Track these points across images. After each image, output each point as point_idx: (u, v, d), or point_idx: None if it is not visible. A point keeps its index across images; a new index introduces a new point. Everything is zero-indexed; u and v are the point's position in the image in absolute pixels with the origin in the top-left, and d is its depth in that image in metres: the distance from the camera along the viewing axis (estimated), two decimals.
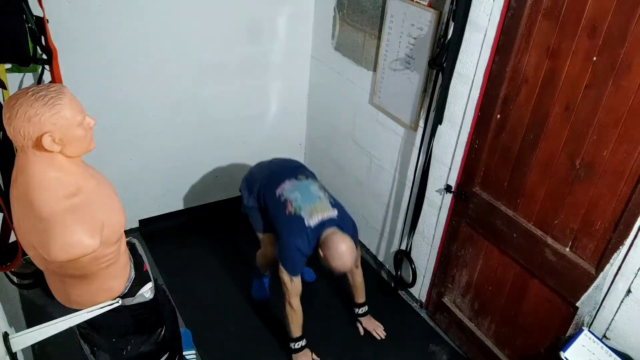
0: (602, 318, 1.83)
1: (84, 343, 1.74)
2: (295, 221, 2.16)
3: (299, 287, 2.26)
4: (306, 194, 2.24)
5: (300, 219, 2.15)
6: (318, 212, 2.17)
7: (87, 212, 1.34)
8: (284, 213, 2.20)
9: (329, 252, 2.09)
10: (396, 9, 2.34)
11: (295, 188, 2.26)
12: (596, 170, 1.72)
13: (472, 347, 2.51)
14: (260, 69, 3.04)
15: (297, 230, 2.15)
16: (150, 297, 1.70)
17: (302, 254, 2.18)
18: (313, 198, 2.23)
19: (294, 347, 2.40)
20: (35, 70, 2.07)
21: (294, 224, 2.16)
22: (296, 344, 2.39)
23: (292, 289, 2.24)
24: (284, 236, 2.20)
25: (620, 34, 1.54)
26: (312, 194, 2.25)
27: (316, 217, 2.15)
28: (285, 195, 2.24)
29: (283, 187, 2.28)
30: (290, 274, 2.21)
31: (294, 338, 2.38)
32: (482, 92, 2.05)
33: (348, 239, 2.12)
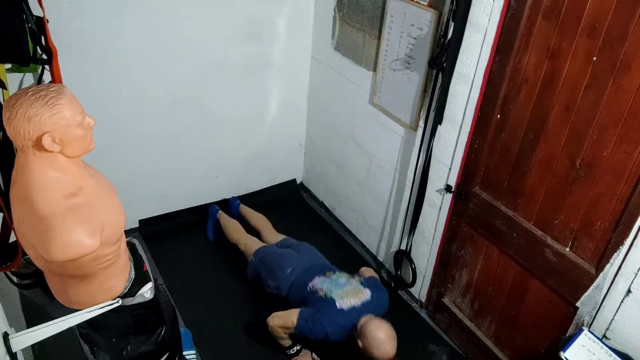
0: (602, 318, 1.83)
1: (84, 343, 1.74)
2: (326, 303, 2.20)
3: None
4: (336, 283, 2.31)
5: (331, 301, 2.18)
6: (350, 296, 2.20)
7: (87, 212, 1.34)
8: (314, 297, 2.27)
9: (367, 342, 2.06)
10: (396, 9, 2.34)
11: (326, 281, 2.34)
12: (596, 170, 1.72)
13: (472, 347, 2.51)
14: (260, 69, 3.04)
15: (328, 311, 2.17)
16: (150, 297, 1.70)
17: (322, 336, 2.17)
18: (343, 284, 2.29)
19: (291, 353, 2.42)
20: (35, 70, 2.06)
21: (325, 306, 2.19)
22: (291, 350, 2.41)
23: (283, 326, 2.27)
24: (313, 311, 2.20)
25: (620, 34, 1.54)
26: (342, 282, 2.32)
27: (348, 300, 2.18)
28: (316, 287, 2.31)
29: (314, 282, 2.35)
30: (297, 331, 2.22)
31: (286, 347, 2.40)
32: (482, 92, 2.05)
33: (386, 325, 2.10)
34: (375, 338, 2.04)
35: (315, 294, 2.28)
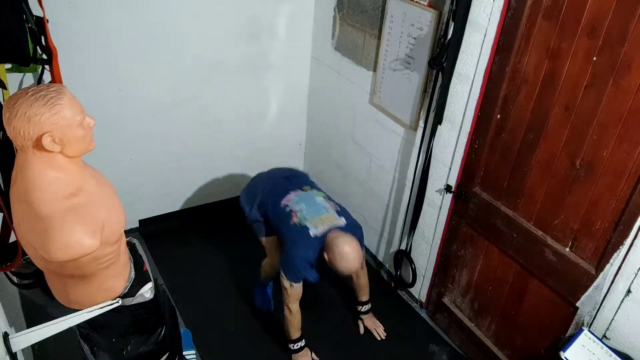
0: (602, 318, 1.83)
1: (84, 343, 1.74)
2: (299, 232, 2.15)
3: (299, 292, 2.25)
4: (312, 205, 2.24)
5: (305, 230, 2.14)
6: (325, 224, 2.16)
7: (87, 212, 1.34)
8: (288, 223, 2.20)
9: (333, 255, 2.07)
10: (396, 9, 2.34)
11: (301, 199, 2.26)
12: (596, 170, 1.72)
13: (472, 347, 2.51)
14: (260, 69, 3.04)
15: (302, 240, 2.14)
16: (150, 297, 1.70)
17: (305, 262, 2.17)
18: (319, 210, 2.22)
19: (293, 348, 2.40)
20: (35, 70, 2.07)
21: (299, 235, 2.15)
22: (295, 344, 2.39)
23: (292, 294, 2.24)
24: (287, 246, 2.19)
25: (620, 34, 1.54)
26: (318, 205, 2.25)
27: (322, 227, 2.15)
28: (290, 206, 2.24)
29: (288, 198, 2.27)
30: (291, 281, 2.20)
31: (292, 340, 2.38)
32: (482, 92, 2.05)
33: (353, 239, 2.09)
34: (342, 252, 2.04)
35: (290, 218, 2.20)
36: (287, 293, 2.23)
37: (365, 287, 2.55)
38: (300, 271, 2.19)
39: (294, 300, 2.26)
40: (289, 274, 2.19)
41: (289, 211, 2.22)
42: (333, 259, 2.07)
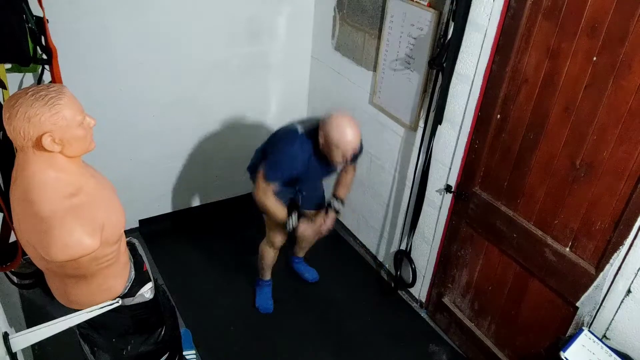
0: (602, 318, 1.83)
1: (84, 343, 1.74)
2: (287, 131, 2.11)
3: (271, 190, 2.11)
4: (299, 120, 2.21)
5: (292, 128, 2.09)
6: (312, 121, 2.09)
7: (87, 212, 1.34)
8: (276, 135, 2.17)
9: (330, 130, 1.92)
10: (396, 9, 2.34)
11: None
12: (596, 170, 1.72)
13: (472, 347, 2.51)
14: (260, 69, 3.04)
15: (288, 137, 2.07)
16: (150, 297, 1.70)
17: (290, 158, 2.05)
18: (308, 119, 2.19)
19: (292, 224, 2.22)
20: (35, 70, 2.07)
21: (286, 133, 2.10)
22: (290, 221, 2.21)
23: (264, 188, 2.09)
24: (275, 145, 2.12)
25: (620, 34, 1.54)
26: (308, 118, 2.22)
27: (309, 123, 2.07)
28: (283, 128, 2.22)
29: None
30: (268, 177, 2.07)
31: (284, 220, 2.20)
32: (482, 92, 2.05)
33: (352, 118, 1.96)
34: (339, 126, 1.90)
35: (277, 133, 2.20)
36: (259, 187, 2.10)
37: (348, 185, 2.41)
38: (277, 166, 2.06)
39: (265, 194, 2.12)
40: (269, 171, 2.07)
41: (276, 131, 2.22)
42: (331, 135, 1.93)
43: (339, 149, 1.98)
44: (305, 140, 2.07)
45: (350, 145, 1.97)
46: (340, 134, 1.93)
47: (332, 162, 2.09)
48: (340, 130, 1.94)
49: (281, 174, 2.09)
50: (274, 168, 2.08)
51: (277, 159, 2.08)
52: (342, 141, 1.95)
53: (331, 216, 2.38)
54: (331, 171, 2.31)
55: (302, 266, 2.94)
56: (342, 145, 1.96)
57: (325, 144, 2.00)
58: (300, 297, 2.83)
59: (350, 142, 1.95)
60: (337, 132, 1.94)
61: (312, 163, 2.13)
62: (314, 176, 2.28)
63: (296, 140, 2.07)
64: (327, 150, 2.02)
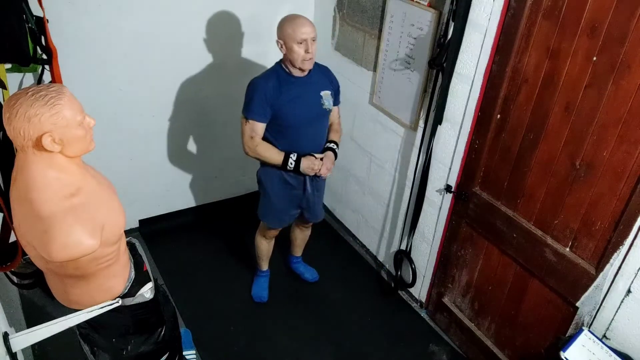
0: (602, 318, 1.83)
1: (84, 343, 1.74)
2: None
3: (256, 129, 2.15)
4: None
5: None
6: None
7: (87, 212, 1.34)
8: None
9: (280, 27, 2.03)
10: (396, 9, 2.34)
11: None
12: (596, 170, 1.72)
13: (472, 347, 2.51)
14: (260, 69, 3.02)
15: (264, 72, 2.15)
16: (150, 297, 1.70)
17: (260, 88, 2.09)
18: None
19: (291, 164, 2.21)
20: (35, 70, 2.07)
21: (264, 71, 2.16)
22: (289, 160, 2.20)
23: (248, 130, 2.14)
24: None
25: (620, 34, 1.54)
26: None
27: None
28: None
29: None
30: (247, 115, 2.13)
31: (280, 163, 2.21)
32: (482, 92, 2.05)
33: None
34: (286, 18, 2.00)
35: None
36: (244, 132, 2.17)
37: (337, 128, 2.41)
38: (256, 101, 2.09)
39: (251, 137, 2.16)
40: (245, 108, 2.14)
41: None
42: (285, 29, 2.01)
43: (296, 37, 1.99)
44: (271, 70, 2.14)
45: (304, 28, 1.99)
46: (290, 21, 2.00)
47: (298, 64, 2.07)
48: (289, 19, 2.01)
49: (257, 105, 2.09)
50: (248, 103, 2.12)
51: (248, 95, 2.12)
52: (295, 26, 1.97)
53: (328, 155, 2.32)
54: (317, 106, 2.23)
55: (302, 266, 2.95)
56: (297, 32, 1.98)
57: (286, 48, 2.04)
58: (300, 297, 2.83)
59: (302, 23, 1.99)
60: (288, 23, 2.00)
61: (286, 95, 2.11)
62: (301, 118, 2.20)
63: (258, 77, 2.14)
64: (289, 54, 2.04)
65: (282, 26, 2.05)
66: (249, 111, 2.14)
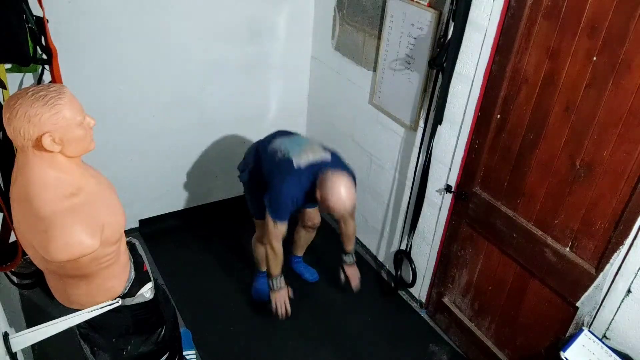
0: (602, 318, 1.83)
1: (84, 343, 1.74)
2: (284, 164, 2.11)
3: (282, 231, 2.18)
4: (295, 141, 2.22)
5: (289, 161, 2.09)
6: (308, 153, 2.10)
7: (87, 212, 1.34)
8: (273, 160, 2.17)
9: (326, 191, 1.98)
10: (396, 9, 2.34)
11: (287, 140, 2.25)
12: (596, 170, 1.72)
13: (472, 347, 2.51)
14: (260, 69, 3.04)
15: (286, 172, 2.09)
16: (150, 297, 1.70)
17: (290, 198, 2.10)
18: (302, 143, 2.20)
19: (274, 287, 2.30)
20: (35, 70, 2.07)
21: (283, 167, 2.11)
22: (275, 282, 2.29)
23: (274, 233, 2.16)
24: (272, 179, 2.14)
25: (620, 34, 1.54)
26: (302, 140, 2.22)
27: (305, 157, 2.08)
28: (276, 147, 2.22)
29: (275, 141, 2.27)
30: (275, 219, 2.13)
31: (273, 275, 2.28)
32: (482, 92, 2.05)
33: (347, 177, 2.02)
34: (335, 188, 1.96)
35: (275, 156, 2.17)
36: (270, 231, 2.16)
37: (352, 236, 2.51)
38: (282, 207, 2.12)
39: (276, 239, 2.19)
40: (273, 212, 2.13)
41: (275, 151, 2.21)
42: (326, 195, 1.99)
43: (334, 212, 2.03)
44: (302, 175, 2.09)
45: (344, 208, 2.02)
46: (336, 199, 1.98)
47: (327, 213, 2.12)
48: (336, 195, 1.98)
49: (285, 212, 2.14)
50: (278, 210, 2.13)
51: (278, 200, 2.12)
52: (337, 206, 1.99)
53: (351, 271, 2.55)
54: None
55: (302, 266, 2.95)
56: (336, 209, 2.01)
57: (321, 202, 2.05)
58: (300, 297, 2.82)
59: (344, 207, 2.01)
60: (333, 197, 1.98)
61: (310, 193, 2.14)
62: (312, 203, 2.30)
63: (293, 177, 2.09)
64: (322, 206, 2.07)
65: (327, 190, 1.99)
66: (279, 217, 2.14)
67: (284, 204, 2.11)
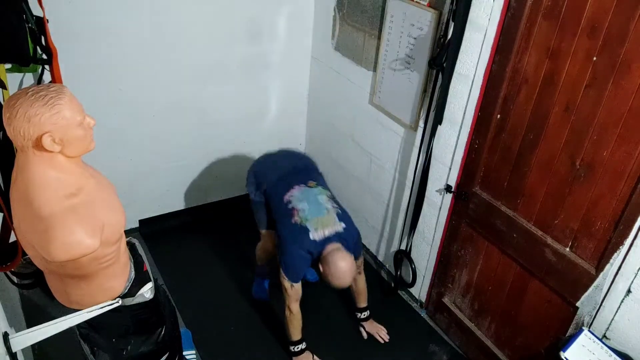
0: (602, 318, 1.83)
1: (84, 343, 1.74)
2: (300, 231, 2.14)
3: (299, 292, 2.26)
4: (314, 204, 2.21)
5: (305, 230, 2.13)
6: (324, 227, 2.15)
7: (87, 212, 1.34)
8: (289, 221, 2.18)
9: (328, 269, 2.10)
10: (396, 9, 2.34)
11: (304, 197, 2.23)
12: (596, 170, 1.72)
13: (472, 347, 2.51)
14: (260, 69, 3.04)
15: (301, 240, 2.14)
16: (150, 297, 1.70)
17: (305, 262, 2.19)
18: (321, 210, 2.20)
19: (294, 350, 2.40)
20: (35, 70, 2.07)
21: (298, 234, 2.14)
22: (296, 347, 2.40)
23: (293, 295, 2.25)
24: (287, 243, 2.18)
25: (620, 34, 1.54)
26: (321, 205, 2.22)
27: (322, 231, 2.14)
28: (292, 204, 2.22)
29: (291, 193, 2.25)
30: (291, 281, 2.21)
31: (293, 341, 2.39)
32: (482, 92, 2.05)
33: (349, 257, 2.12)
34: (337, 268, 2.08)
35: (291, 217, 2.19)
36: (288, 293, 2.24)
37: (363, 292, 2.55)
38: (300, 271, 2.20)
39: (295, 301, 2.27)
40: (289, 274, 2.19)
41: (290, 208, 2.20)
42: (328, 273, 2.12)
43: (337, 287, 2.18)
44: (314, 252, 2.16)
45: (344, 285, 2.17)
46: (336, 278, 2.11)
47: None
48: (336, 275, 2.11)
49: (300, 273, 2.23)
50: (294, 273, 2.21)
51: (295, 265, 2.20)
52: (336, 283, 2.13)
53: (371, 327, 2.62)
54: None
55: None
56: (338, 286, 2.16)
57: (323, 275, 2.17)
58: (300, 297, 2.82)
59: (344, 283, 2.15)
60: (333, 276, 2.11)
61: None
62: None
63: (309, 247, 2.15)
64: (323, 279, 2.18)
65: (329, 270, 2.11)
66: (295, 279, 2.22)
67: (299, 268, 2.20)
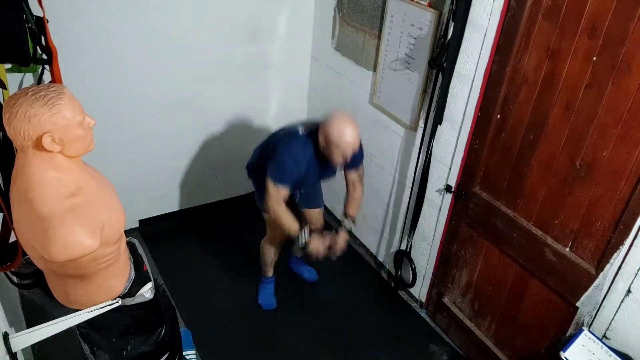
0: (602, 318, 1.83)
1: (84, 343, 1.74)
2: (288, 134, 2.13)
3: (280, 196, 2.11)
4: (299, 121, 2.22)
5: (294, 130, 2.11)
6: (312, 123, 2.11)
7: (87, 212, 1.34)
8: (277, 137, 2.19)
9: (330, 131, 1.96)
10: (396, 9, 2.34)
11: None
12: (596, 170, 1.72)
13: (472, 347, 2.51)
14: (260, 69, 3.04)
15: (290, 138, 2.09)
16: (150, 297, 1.70)
17: (294, 162, 2.08)
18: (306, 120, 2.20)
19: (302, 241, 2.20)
20: (35, 70, 2.06)
21: (288, 136, 2.12)
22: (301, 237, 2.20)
23: (275, 196, 2.10)
24: (277, 150, 2.11)
25: (620, 34, 1.54)
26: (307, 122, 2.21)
27: (309, 125, 2.09)
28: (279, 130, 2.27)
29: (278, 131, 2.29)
30: (276, 182, 2.07)
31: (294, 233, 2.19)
32: (482, 92, 2.05)
33: (351, 118, 1.99)
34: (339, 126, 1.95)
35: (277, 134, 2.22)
36: (271, 194, 2.10)
37: (358, 200, 2.40)
38: (283, 169, 2.08)
39: (278, 202, 2.12)
40: (275, 174, 2.08)
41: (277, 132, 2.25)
42: (331, 136, 1.96)
43: (339, 148, 2.00)
44: (306, 141, 2.10)
45: (349, 144, 1.99)
46: (340, 133, 1.97)
47: (333, 163, 2.10)
48: (340, 129, 1.97)
49: (288, 176, 2.10)
50: (280, 171, 2.09)
51: (281, 161, 2.09)
52: (342, 140, 1.98)
53: (343, 236, 2.36)
54: (331, 173, 2.31)
55: (301, 266, 2.95)
56: (341, 145, 1.99)
57: (326, 144, 2.03)
58: (300, 297, 2.83)
59: (349, 141, 1.98)
60: (337, 132, 1.97)
61: (312, 164, 2.14)
62: (314, 177, 2.28)
63: (298, 141, 2.10)
64: (327, 150, 2.04)
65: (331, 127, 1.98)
66: (280, 179, 2.08)
67: (287, 167, 2.08)
